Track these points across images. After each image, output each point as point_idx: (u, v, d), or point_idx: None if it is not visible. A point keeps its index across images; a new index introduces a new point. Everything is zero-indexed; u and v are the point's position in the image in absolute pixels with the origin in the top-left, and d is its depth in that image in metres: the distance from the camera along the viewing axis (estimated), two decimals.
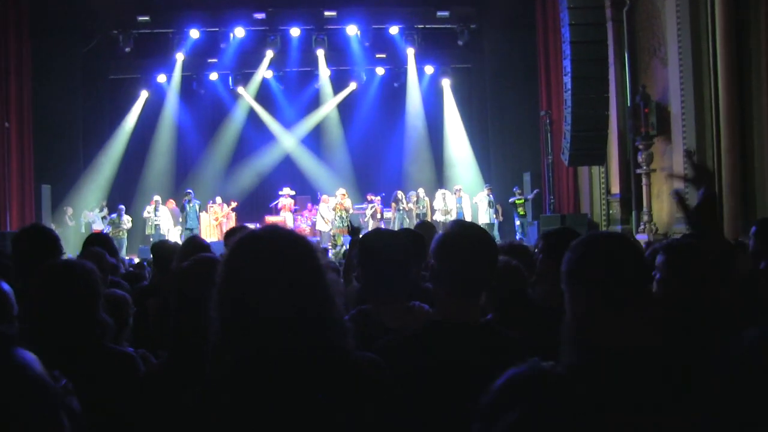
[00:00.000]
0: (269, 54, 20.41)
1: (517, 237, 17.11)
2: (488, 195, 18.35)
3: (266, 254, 1.47)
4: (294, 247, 1.51)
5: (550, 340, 1.74)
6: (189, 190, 18.11)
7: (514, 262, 2.96)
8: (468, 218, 18.23)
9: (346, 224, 17.57)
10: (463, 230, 2.11)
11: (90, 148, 19.87)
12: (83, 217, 18.59)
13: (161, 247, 4.84)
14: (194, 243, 4.07)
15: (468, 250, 2.04)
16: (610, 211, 14.55)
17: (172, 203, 19.05)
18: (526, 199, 17.52)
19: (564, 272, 1.73)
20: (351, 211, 18.12)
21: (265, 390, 1.42)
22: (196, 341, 1.80)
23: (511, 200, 17.69)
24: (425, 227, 4.16)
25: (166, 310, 2.42)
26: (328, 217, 18.47)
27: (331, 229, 18.16)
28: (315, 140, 21.74)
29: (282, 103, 21.58)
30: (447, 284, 2.06)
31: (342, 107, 21.70)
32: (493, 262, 2.10)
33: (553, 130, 16.03)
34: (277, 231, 1.55)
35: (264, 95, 21.43)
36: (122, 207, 18.07)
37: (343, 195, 17.98)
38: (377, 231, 2.96)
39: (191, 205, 17.68)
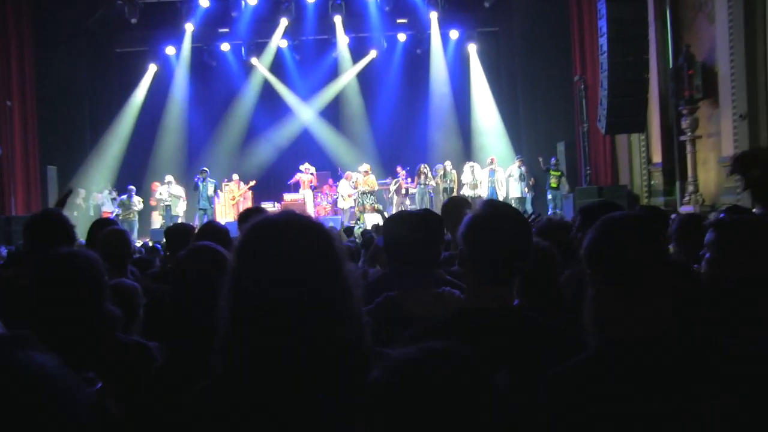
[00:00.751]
0: (284, 22, 20.37)
1: (549, 211, 17.05)
2: (519, 167, 18.30)
3: (281, 243, 1.48)
4: (311, 235, 1.51)
5: (580, 329, 1.74)
6: (204, 168, 18.17)
7: (544, 242, 2.94)
8: (500, 192, 18.25)
9: (370, 202, 17.66)
10: (494, 211, 2.09)
11: (97, 126, 20.05)
12: (92, 199, 18.80)
13: (175, 231, 4.85)
14: (212, 228, 4.06)
15: (500, 234, 2.03)
16: (652, 182, 14.35)
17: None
18: (558, 172, 17.36)
19: (581, 256, 1.75)
20: (376, 188, 18.25)
21: (275, 385, 1.44)
22: (196, 333, 1.81)
23: (545, 168, 17.54)
24: (455, 204, 4.09)
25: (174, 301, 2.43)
26: (349, 194, 18.56)
27: (353, 207, 18.20)
28: (334, 113, 21.78)
29: (298, 74, 21.63)
30: (477, 270, 2.06)
31: (362, 77, 21.69)
32: (527, 245, 2.09)
33: (588, 96, 15.81)
34: (293, 217, 1.55)
35: (279, 66, 21.52)
36: (132, 188, 18.22)
37: (366, 172, 18.06)
38: (401, 214, 2.96)
39: (204, 183, 17.75)
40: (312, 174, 19.66)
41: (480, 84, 21.02)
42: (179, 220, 16.90)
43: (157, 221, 18.73)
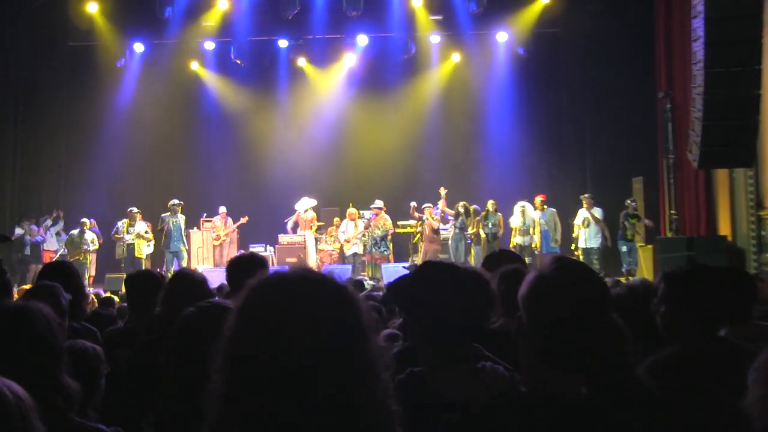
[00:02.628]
0: (286, 18, 20.51)
1: (623, 268, 16.93)
2: (589, 208, 17.91)
3: (295, 310, 1.51)
4: (333, 302, 1.54)
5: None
6: (176, 201, 18.27)
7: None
8: (554, 241, 18.13)
9: (381, 250, 17.66)
10: (567, 272, 2.12)
11: (31, 133, 20.44)
12: (27, 233, 18.61)
13: (139, 279, 4.90)
14: (186, 278, 4.15)
15: (573, 302, 2.05)
16: (762, 232, 14.07)
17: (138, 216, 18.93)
18: (635, 219, 17.21)
19: None
20: (391, 230, 18.29)
21: None
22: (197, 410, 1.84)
23: (624, 221, 17.30)
24: (498, 260, 4.08)
25: (144, 366, 2.61)
26: (354, 235, 18.70)
27: (359, 254, 18.32)
28: (332, 131, 22.09)
29: (301, 82, 22.27)
30: (540, 345, 2.08)
31: (379, 85, 21.98)
32: (606, 318, 2.12)
33: (676, 118, 15.71)
34: (310, 277, 1.58)
35: (274, 70, 22.06)
36: (86, 221, 18.27)
37: (380, 210, 18.04)
38: (431, 265, 2.93)
39: (175, 221, 17.83)
40: (312, 211, 19.75)
41: (531, 100, 21.24)
42: (142, 266, 17.04)
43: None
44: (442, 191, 18.78)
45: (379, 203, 18.37)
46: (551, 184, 20.26)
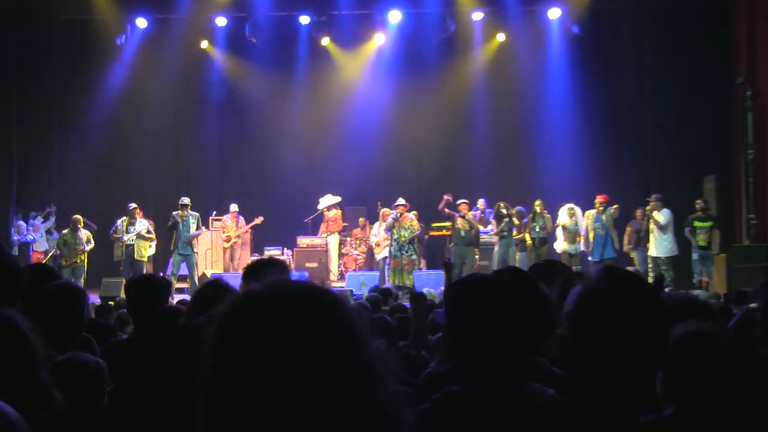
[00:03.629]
0: None
1: (695, 278, 16.71)
2: (653, 212, 17.48)
3: (270, 334, 1.49)
4: (317, 315, 1.52)
5: None
6: (185, 199, 18.13)
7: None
8: (609, 248, 17.83)
9: (409, 254, 17.58)
10: (619, 285, 2.15)
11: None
12: (14, 230, 18.63)
13: (142, 286, 4.90)
14: (217, 289, 4.16)
15: (625, 318, 2.09)
16: None
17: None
18: (709, 222, 16.89)
19: None
20: (419, 232, 18.15)
21: None
22: None
23: (687, 227, 17.02)
24: (543, 270, 4.12)
25: (153, 387, 2.72)
26: (384, 237, 18.63)
27: (388, 260, 18.22)
28: (359, 120, 22.12)
29: (325, 62, 22.26)
30: (589, 365, 2.13)
31: (413, 68, 22.02)
32: (665, 335, 2.17)
33: (757, 107, 15.56)
34: (285, 291, 1.57)
35: (294, 47, 22.10)
36: (78, 217, 18.00)
37: (404, 207, 17.92)
38: (476, 278, 2.97)
39: (185, 220, 17.64)
40: (337, 208, 19.75)
41: (586, 85, 21.18)
42: (143, 270, 16.94)
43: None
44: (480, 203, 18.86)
45: (401, 201, 18.02)
46: (608, 182, 20.03)
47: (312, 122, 22.10)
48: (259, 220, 19.45)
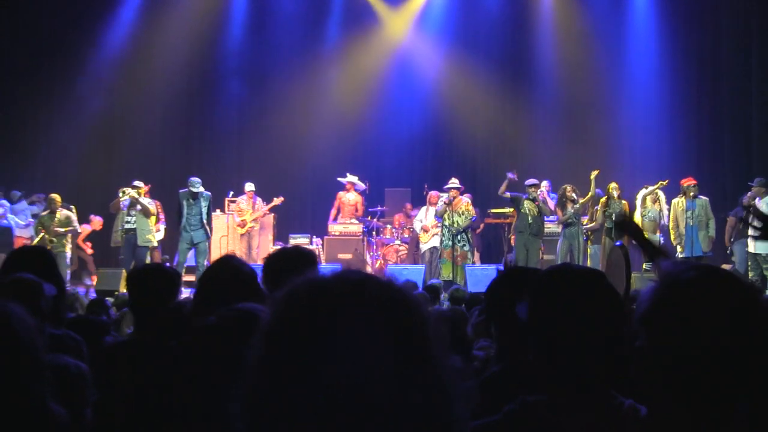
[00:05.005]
0: None
1: None
2: (754, 199, 17.41)
3: (349, 330, 1.51)
4: (395, 318, 1.54)
5: None
6: (194, 179, 17.98)
7: None
8: (697, 244, 17.65)
9: (462, 244, 17.64)
10: (707, 281, 2.17)
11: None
12: None
13: (147, 277, 4.93)
14: (232, 269, 4.29)
15: (718, 323, 2.10)
16: None
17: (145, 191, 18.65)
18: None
19: None
20: (472, 216, 18.05)
21: None
22: None
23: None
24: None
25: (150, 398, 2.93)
26: (433, 224, 18.60)
27: (438, 248, 18.10)
28: (403, 90, 22.20)
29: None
30: (673, 382, 2.16)
31: (469, 28, 22.05)
32: (763, 346, 2.16)
33: None
34: (368, 284, 1.59)
35: None
36: (57, 196, 17.98)
37: (456, 191, 17.83)
38: (565, 269, 3.01)
39: (196, 202, 17.57)
40: (357, 192, 19.68)
41: (676, 51, 21.19)
42: (147, 259, 16.97)
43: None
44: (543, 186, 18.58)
45: (455, 182, 17.93)
46: (700, 164, 20.15)
47: (348, 89, 22.28)
48: (278, 200, 19.33)
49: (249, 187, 19.41)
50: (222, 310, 2.71)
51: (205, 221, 17.47)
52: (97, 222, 19.48)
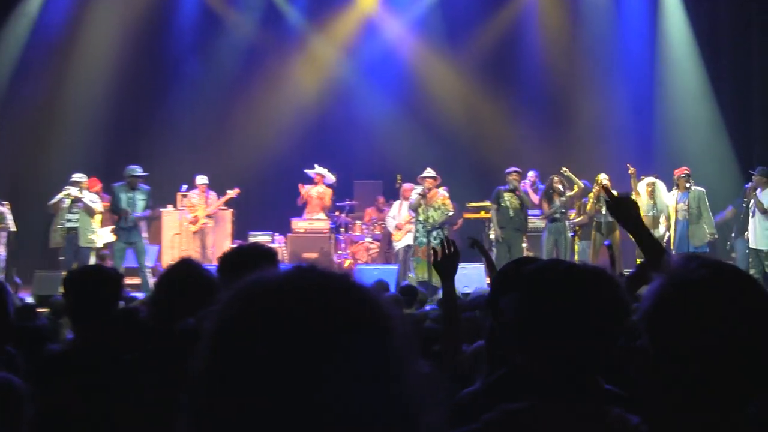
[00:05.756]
0: None
1: None
2: (755, 190, 17.51)
3: (299, 330, 1.51)
4: (358, 320, 1.54)
5: None
6: (135, 168, 17.84)
7: None
8: (700, 237, 17.79)
9: (437, 240, 17.43)
10: (714, 277, 2.18)
11: None
12: None
13: (87, 279, 4.97)
14: (191, 271, 4.42)
15: (727, 326, 2.11)
16: None
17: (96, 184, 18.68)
18: None
19: None
20: (451, 213, 18.15)
21: None
22: None
23: None
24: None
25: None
26: (406, 220, 18.65)
27: (411, 251, 18.12)
28: (376, 72, 22.42)
29: None
30: (679, 384, 2.17)
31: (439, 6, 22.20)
32: None
33: None
34: (319, 280, 1.59)
35: None
36: None
37: (433, 180, 17.79)
38: (554, 265, 3.05)
39: (132, 195, 17.36)
40: (326, 185, 19.67)
41: (670, 27, 21.37)
42: (91, 260, 16.96)
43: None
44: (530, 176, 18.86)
45: (430, 172, 17.93)
46: (697, 152, 20.31)
47: (314, 71, 22.37)
48: (233, 192, 19.32)
49: (201, 180, 19.29)
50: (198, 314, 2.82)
51: (140, 218, 17.37)
52: None
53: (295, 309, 1.52)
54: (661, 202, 18.11)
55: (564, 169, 17.95)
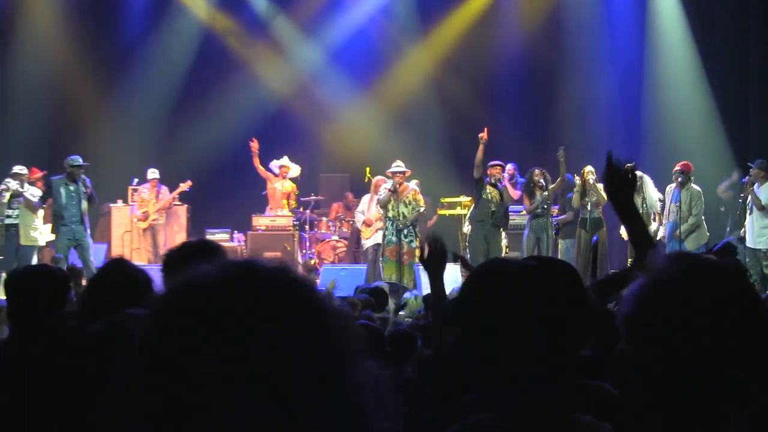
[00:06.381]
0: None
1: None
2: (752, 185, 17.61)
3: (233, 329, 1.54)
4: (298, 315, 1.58)
5: None
6: (75, 159, 17.65)
7: None
8: (698, 234, 17.90)
9: (409, 239, 17.76)
10: (698, 276, 2.21)
11: None
12: None
13: (26, 279, 5.06)
14: (123, 270, 4.54)
15: (710, 325, 2.14)
16: None
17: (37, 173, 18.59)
18: None
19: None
20: (422, 209, 18.02)
21: None
22: None
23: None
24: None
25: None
26: (376, 218, 18.58)
27: (380, 248, 18.10)
28: (342, 58, 22.61)
29: None
30: (660, 391, 2.19)
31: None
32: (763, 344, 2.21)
33: None
34: (262, 274, 1.62)
35: None
36: None
37: (403, 174, 17.73)
38: (501, 263, 3.15)
39: (74, 188, 17.17)
40: (292, 181, 19.63)
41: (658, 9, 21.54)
42: (34, 259, 17.00)
43: None
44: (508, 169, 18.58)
45: (400, 166, 17.79)
46: (691, 145, 20.39)
47: (273, 51, 22.33)
48: (185, 185, 19.35)
49: (152, 174, 19.30)
50: (108, 317, 2.93)
51: (84, 212, 17.22)
52: None
53: (220, 304, 1.53)
54: (650, 197, 18.03)
55: (561, 152, 17.84)
